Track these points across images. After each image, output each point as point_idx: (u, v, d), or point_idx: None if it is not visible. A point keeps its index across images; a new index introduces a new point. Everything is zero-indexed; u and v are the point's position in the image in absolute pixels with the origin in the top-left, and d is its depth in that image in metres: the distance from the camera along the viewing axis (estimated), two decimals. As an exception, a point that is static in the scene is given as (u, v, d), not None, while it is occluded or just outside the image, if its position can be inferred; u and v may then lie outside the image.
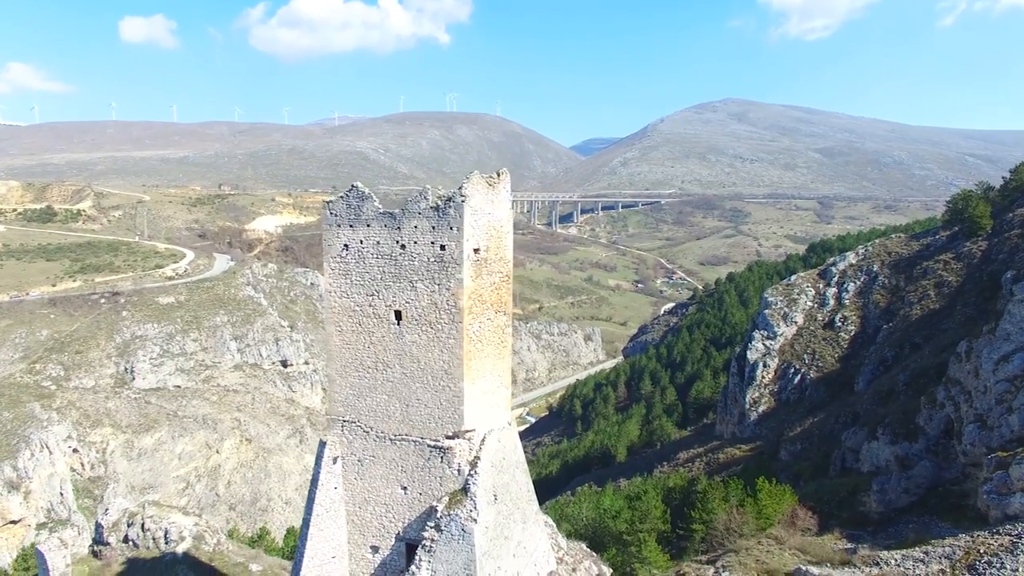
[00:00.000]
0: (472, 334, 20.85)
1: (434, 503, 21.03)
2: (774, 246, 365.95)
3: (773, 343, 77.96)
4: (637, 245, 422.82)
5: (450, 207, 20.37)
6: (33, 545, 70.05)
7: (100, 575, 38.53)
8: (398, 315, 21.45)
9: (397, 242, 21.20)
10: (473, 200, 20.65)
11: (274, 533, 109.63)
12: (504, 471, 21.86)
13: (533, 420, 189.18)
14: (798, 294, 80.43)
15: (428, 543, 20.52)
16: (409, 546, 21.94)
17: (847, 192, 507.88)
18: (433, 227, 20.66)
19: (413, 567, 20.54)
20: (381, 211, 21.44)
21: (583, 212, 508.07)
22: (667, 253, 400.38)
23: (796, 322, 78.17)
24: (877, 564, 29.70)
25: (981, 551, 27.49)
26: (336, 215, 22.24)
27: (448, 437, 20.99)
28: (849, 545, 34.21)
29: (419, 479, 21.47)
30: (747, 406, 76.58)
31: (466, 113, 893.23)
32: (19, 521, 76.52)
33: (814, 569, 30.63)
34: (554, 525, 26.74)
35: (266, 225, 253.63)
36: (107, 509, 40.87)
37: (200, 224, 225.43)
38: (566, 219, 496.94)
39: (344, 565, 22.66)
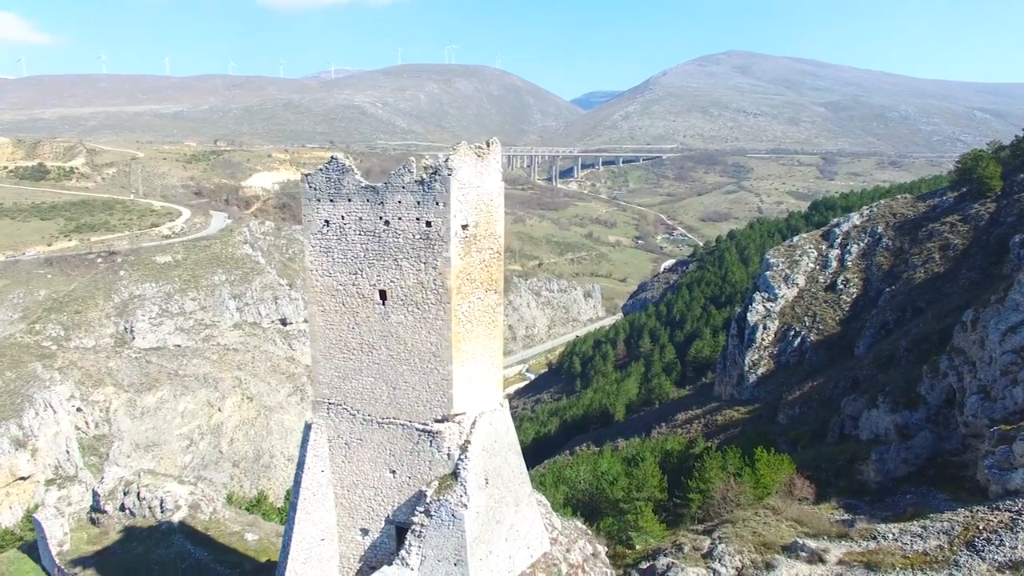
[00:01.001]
0: (461, 315, 19.94)
1: (423, 488, 20.47)
2: (776, 202, 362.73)
3: (774, 305, 77.25)
4: (638, 201, 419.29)
5: (436, 181, 19.14)
6: (37, 507, 71.11)
7: (98, 543, 38.57)
8: (383, 295, 20.47)
9: (380, 218, 20.03)
10: (461, 173, 19.41)
11: (277, 489, 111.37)
12: (496, 454, 21.24)
13: (533, 377, 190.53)
14: (800, 255, 79.31)
15: (418, 528, 20.04)
16: (399, 529, 21.51)
17: (851, 148, 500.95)
18: (418, 202, 19.49)
19: (403, 552, 20.12)
20: (363, 185, 20.17)
21: (583, 167, 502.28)
22: (668, 209, 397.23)
23: (797, 284, 77.28)
24: (874, 538, 29.46)
25: (980, 527, 27.17)
26: (316, 189, 21.01)
27: (437, 421, 20.28)
28: (846, 516, 34.02)
29: (408, 463, 20.87)
30: (746, 368, 76.34)
31: (465, 66, 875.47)
32: (28, 478, 77.73)
33: (811, 542, 30.44)
34: (548, 504, 26.34)
35: (263, 182, 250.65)
36: (103, 478, 40.70)
37: (196, 181, 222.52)
38: (566, 174, 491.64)
39: (334, 547, 22.30)
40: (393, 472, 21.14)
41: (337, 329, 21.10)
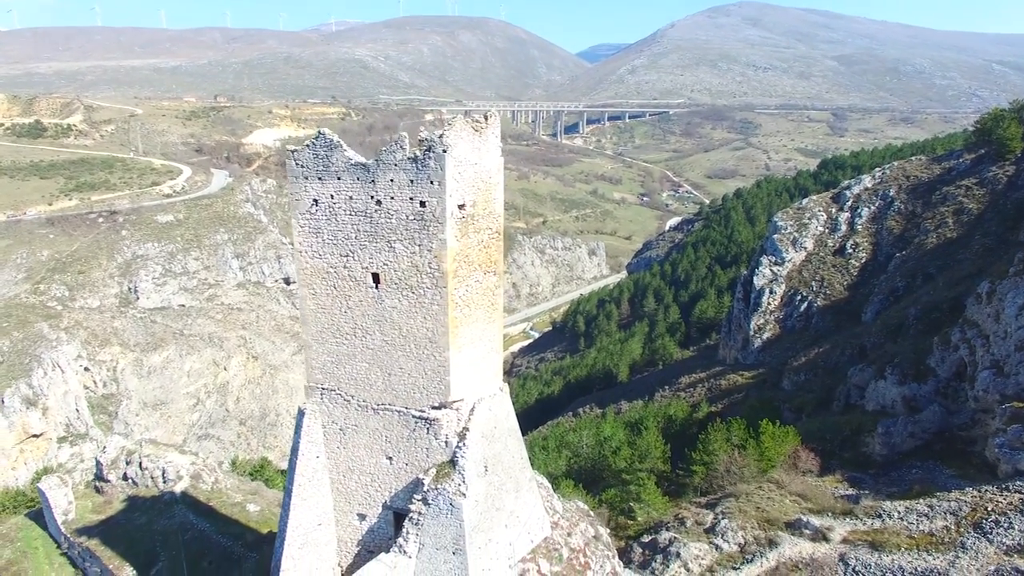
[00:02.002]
0: (458, 299, 19.03)
1: (420, 475, 19.95)
2: (784, 159, 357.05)
3: (781, 269, 76.07)
4: (643, 157, 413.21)
5: (430, 158, 17.94)
6: (45, 470, 72.07)
7: (102, 511, 38.71)
8: (376, 278, 19.44)
9: (372, 197, 18.91)
10: (457, 150, 18.21)
11: (284, 447, 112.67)
12: (496, 440, 20.65)
13: (536, 335, 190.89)
14: (809, 218, 77.69)
15: (415, 516, 19.60)
16: (397, 514, 21.11)
17: (863, 103, 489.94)
18: (411, 181, 18.33)
19: (400, 539, 19.74)
20: (352, 162, 18.96)
21: (589, 123, 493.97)
22: (674, 166, 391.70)
23: (805, 248, 75.88)
24: (879, 516, 29.15)
25: (989, 508, 26.74)
26: (303, 166, 19.85)
27: (434, 408, 19.62)
28: (850, 491, 33.72)
29: (404, 450, 20.31)
30: (751, 332, 75.65)
31: (468, 17, 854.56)
32: (41, 435, 78.82)
33: (815, 519, 30.18)
34: (549, 486, 25.93)
35: (263, 139, 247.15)
36: (104, 447, 40.65)
37: (196, 138, 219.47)
38: (571, 130, 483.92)
39: (331, 532, 21.97)
40: (389, 459, 20.62)
41: (329, 313, 20.27)
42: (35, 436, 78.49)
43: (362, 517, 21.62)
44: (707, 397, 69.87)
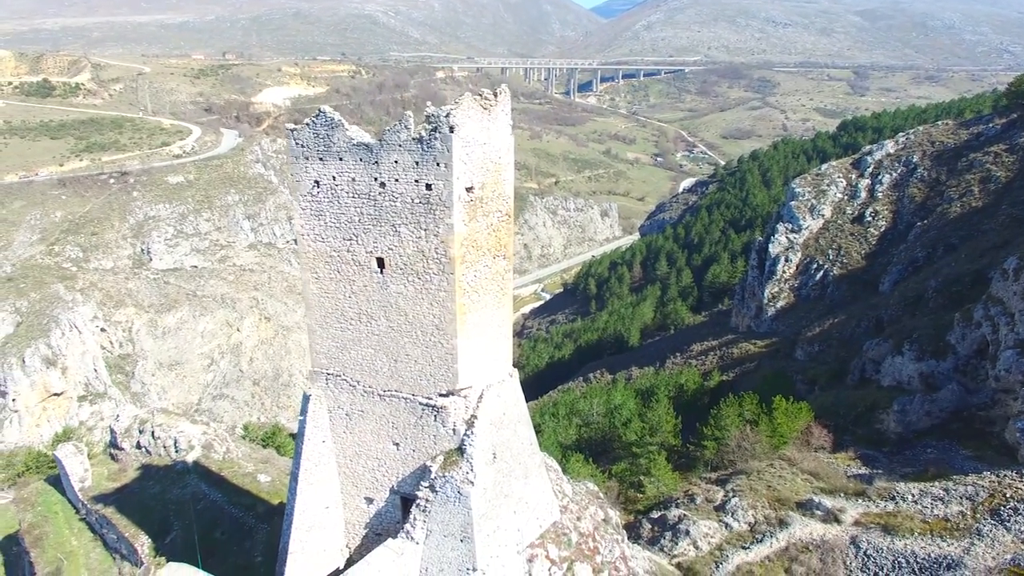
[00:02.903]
0: (466, 285, 18.36)
1: (428, 462, 19.66)
2: (802, 119, 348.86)
3: (797, 236, 74.54)
4: (658, 116, 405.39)
5: (436, 139, 17.02)
6: (67, 430, 73.48)
7: (117, 479, 39.23)
8: (380, 263, 18.78)
9: (375, 179, 18.08)
10: (464, 129, 17.27)
11: (297, 406, 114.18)
12: (504, 427, 20.25)
13: (548, 297, 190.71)
14: (828, 185, 75.68)
15: (423, 503, 19.39)
16: (404, 499, 20.93)
17: (886, 60, 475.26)
18: (417, 163, 17.47)
19: (408, 525, 19.59)
20: (355, 142, 18.07)
21: (603, 80, 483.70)
22: (689, 125, 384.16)
23: (823, 215, 74.14)
24: (893, 498, 28.75)
25: (1008, 495, 26.22)
26: (303, 146, 18.95)
27: (442, 395, 19.20)
28: (863, 470, 33.32)
29: (412, 436, 19.97)
30: (765, 301, 74.64)
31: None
32: (61, 394, 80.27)
33: (827, 500, 29.87)
34: (559, 469, 25.66)
35: (273, 97, 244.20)
36: (118, 416, 40.99)
37: (205, 97, 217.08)
38: (585, 88, 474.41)
39: (339, 514, 21.88)
40: (396, 444, 20.32)
41: (333, 298, 19.70)
42: (56, 395, 79.93)
43: (370, 501, 21.48)
44: (719, 366, 69.42)
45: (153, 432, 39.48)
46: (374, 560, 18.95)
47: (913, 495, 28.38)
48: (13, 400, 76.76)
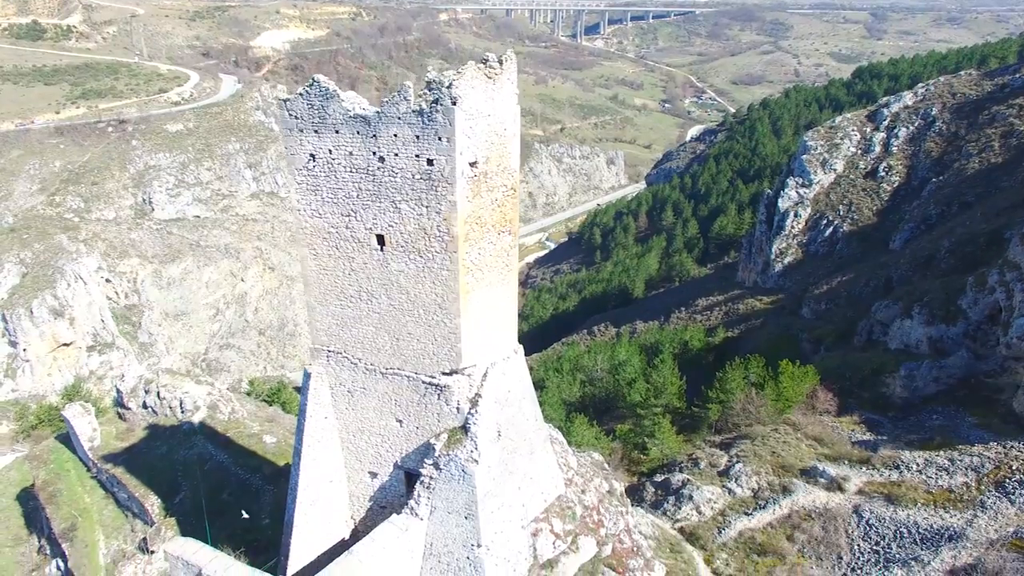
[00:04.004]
0: (470, 263, 17.74)
1: (432, 440, 19.47)
2: (815, 64, 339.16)
3: (808, 191, 73.07)
4: (667, 61, 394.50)
5: (437, 111, 16.09)
6: (77, 380, 74.24)
7: (126, 439, 39.61)
8: (380, 240, 18.13)
9: (374, 153, 17.23)
10: (467, 101, 16.32)
11: (303, 355, 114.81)
12: (509, 405, 19.99)
13: (552, 246, 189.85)
14: (841, 138, 73.65)
15: (427, 480, 19.30)
16: (408, 474, 20.87)
17: (906, 1, 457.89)
18: (417, 137, 16.59)
19: (412, 502, 19.57)
20: (351, 114, 17.12)
21: (610, 23, 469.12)
22: (698, 70, 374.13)
23: (835, 169, 72.41)
24: (897, 467, 28.73)
25: (1013, 467, 26.12)
26: (297, 117, 18.03)
27: (445, 374, 18.86)
28: (868, 435, 33.27)
29: (415, 414, 19.73)
30: (773, 256, 73.80)
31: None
32: (71, 344, 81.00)
33: (830, 468, 29.89)
34: (564, 441, 25.54)
35: (272, 41, 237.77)
36: (123, 375, 41.06)
37: (202, 41, 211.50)
38: (592, 30, 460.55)
39: (343, 488, 21.90)
40: (400, 422, 20.12)
41: (332, 275, 19.13)
42: (65, 345, 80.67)
43: (373, 475, 21.46)
44: (724, 322, 69.17)
45: (159, 393, 39.63)
46: (379, 536, 18.99)
47: (918, 464, 28.35)
48: (24, 350, 77.64)
